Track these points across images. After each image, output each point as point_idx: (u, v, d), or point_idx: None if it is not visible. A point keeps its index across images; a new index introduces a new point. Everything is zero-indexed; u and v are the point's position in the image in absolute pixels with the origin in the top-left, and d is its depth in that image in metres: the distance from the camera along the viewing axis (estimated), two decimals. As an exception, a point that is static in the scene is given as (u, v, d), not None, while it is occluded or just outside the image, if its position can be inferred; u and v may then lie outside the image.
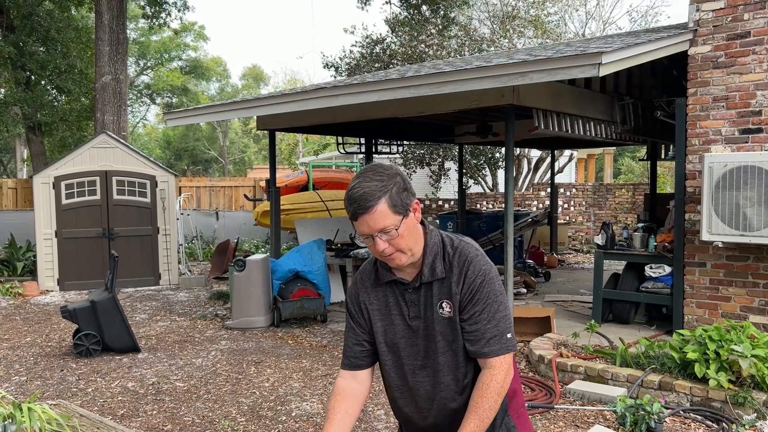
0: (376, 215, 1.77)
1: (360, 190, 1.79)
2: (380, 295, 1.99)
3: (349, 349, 2.05)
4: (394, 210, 1.79)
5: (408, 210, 1.82)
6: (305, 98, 6.76)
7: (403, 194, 1.81)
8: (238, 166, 45.05)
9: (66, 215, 10.42)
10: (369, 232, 1.80)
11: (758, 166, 5.40)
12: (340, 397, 2.01)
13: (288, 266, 7.88)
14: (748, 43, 5.78)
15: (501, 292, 1.90)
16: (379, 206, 1.77)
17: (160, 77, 34.91)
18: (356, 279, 2.07)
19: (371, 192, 1.78)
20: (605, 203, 16.12)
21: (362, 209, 1.78)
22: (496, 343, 1.85)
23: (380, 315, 1.99)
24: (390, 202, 1.78)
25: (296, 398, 5.11)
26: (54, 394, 5.27)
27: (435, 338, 1.91)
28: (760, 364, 4.43)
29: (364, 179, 1.81)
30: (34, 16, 16.90)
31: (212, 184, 17.73)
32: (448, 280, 1.89)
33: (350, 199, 1.81)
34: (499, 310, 1.87)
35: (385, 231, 1.79)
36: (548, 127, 6.49)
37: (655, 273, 6.64)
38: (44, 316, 8.54)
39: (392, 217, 1.78)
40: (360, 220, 1.79)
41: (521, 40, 17.38)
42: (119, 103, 14.02)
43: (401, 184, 1.82)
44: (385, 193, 1.78)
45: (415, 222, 1.86)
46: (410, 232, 1.84)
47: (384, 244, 1.81)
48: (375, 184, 1.79)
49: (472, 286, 1.86)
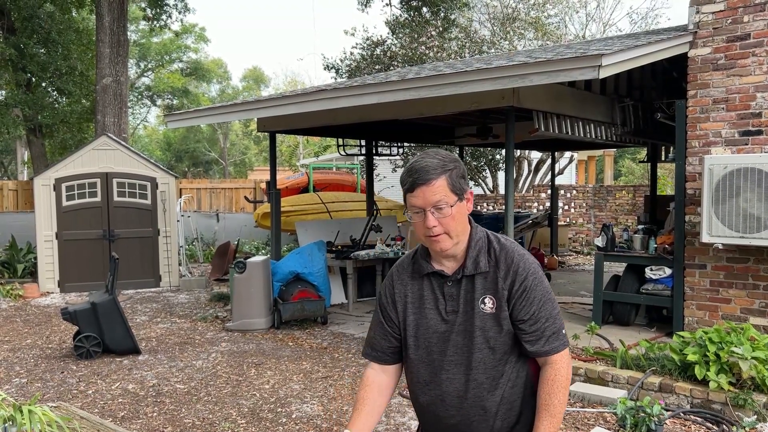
0: (434, 188, 1.80)
1: (422, 163, 1.83)
2: (415, 288, 1.98)
3: (376, 343, 2.04)
4: (451, 188, 1.82)
5: (463, 195, 1.86)
6: (306, 100, 6.77)
7: (461, 180, 1.86)
8: (239, 168, 45.07)
9: (66, 217, 10.43)
10: (422, 205, 1.82)
11: (758, 168, 5.40)
12: (369, 389, 2.01)
13: (288, 268, 7.88)
14: (748, 45, 5.79)
15: (550, 290, 1.93)
16: (439, 181, 1.81)
17: (161, 79, 34.94)
18: (392, 272, 2.06)
19: (433, 166, 1.82)
20: (605, 205, 16.12)
21: (422, 180, 1.81)
22: (555, 340, 1.88)
23: (413, 308, 1.97)
24: (449, 180, 1.82)
25: (296, 400, 5.11)
26: (54, 396, 5.28)
27: (473, 334, 1.89)
28: (761, 366, 4.43)
29: (427, 156, 1.85)
30: (35, 18, 16.92)
31: (213, 185, 17.74)
32: (493, 275, 1.89)
33: (410, 171, 1.84)
34: (554, 308, 1.90)
35: (438, 207, 1.81)
36: (548, 129, 6.49)
37: (655, 275, 6.64)
38: (45, 317, 8.54)
39: (448, 195, 1.81)
40: (416, 192, 1.82)
41: (521, 42, 17.40)
42: (120, 104, 14.03)
43: (461, 169, 1.87)
44: (446, 172, 1.82)
45: (466, 210, 1.89)
46: (461, 217, 1.86)
47: (434, 221, 1.82)
48: (437, 161, 1.83)
49: (525, 284, 1.86)
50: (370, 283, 9.22)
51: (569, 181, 20.81)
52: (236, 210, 17.45)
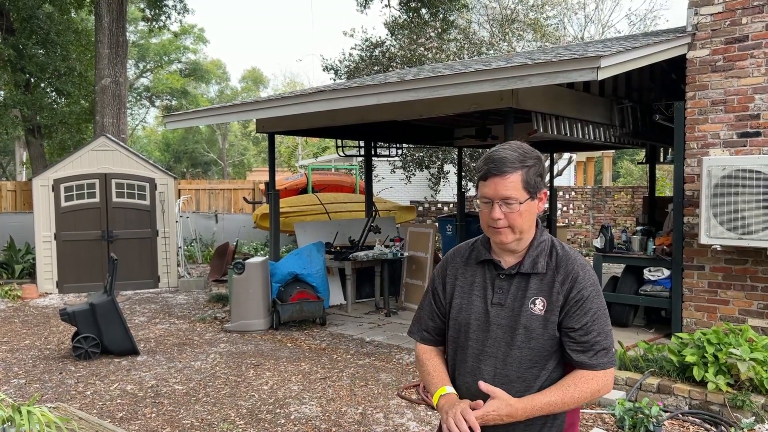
0: (507, 182, 1.79)
1: (502, 153, 1.82)
2: (468, 274, 1.98)
3: (423, 322, 2.07)
4: (525, 186, 1.81)
5: (536, 194, 1.84)
6: (305, 101, 6.77)
7: (538, 178, 1.84)
8: (238, 169, 45.05)
9: (65, 218, 10.42)
10: (492, 196, 1.81)
11: (756, 170, 5.41)
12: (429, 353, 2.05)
13: (287, 269, 7.88)
14: (747, 47, 5.80)
15: (606, 307, 1.89)
16: (514, 175, 1.80)
17: (160, 80, 34.92)
18: (447, 256, 2.07)
19: (512, 160, 1.80)
20: (604, 206, 16.14)
21: (497, 171, 1.80)
22: (604, 356, 1.84)
23: (461, 292, 1.97)
24: (525, 177, 1.81)
25: (295, 401, 5.11)
26: (53, 397, 5.27)
27: (515, 331, 1.86)
28: (759, 367, 4.43)
29: (508, 147, 1.83)
30: (34, 18, 16.90)
31: (211, 186, 17.73)
32: (550, 279, 1.87)
33: (488, 159, 1.83)
34: (608, 324, 1.86)
35: (507, 201, 1.80)
36: (547, 131, 6.50)
37: (653, 276, 6.65)
38: (43, 318, 8.53)
39: (520, 192, 1.80)
40: (489, 181, 1.81)
41: (520, 44, 17.41)
42: (119, 105, 14.03)
43: (540, 168, 1.84)
44: (524, 167, 1.81)
45: (536, 209, 1.86)
46: (529, 215, 1.85)
47: (500, 214, 1.81)
48: (517, 155, 1.81)
49: (583, 293, 1.84)
50: (369, 284, 9.22)
51: (568, 182, 20.83)
52: (235, 211, 17.44)
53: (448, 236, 12.21)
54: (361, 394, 5.26)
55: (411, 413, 4.79)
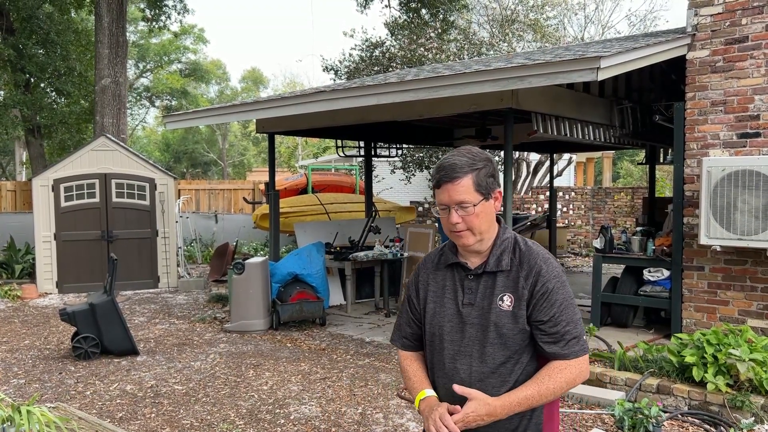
0: (459, 187, 1.85)
1: (451, 160, 1.87)
2: (439, 278, 2.04)
3: (402, 329, 2.14)
4: (477, 188, 1.86)
5: (490, 194, 1.90)
6: (305, 101, 6.78)
7: (490, 179, 1.89)
8: (238, 169, 45.04)
9: (65, 218, 10.42)
10: (447, 202, 1.87)
11: (756, 171, 5.41)
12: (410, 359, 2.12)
13: (287, 269, 7.88)
14: (746, 48, 5.80)
15: (572, 296, 1.94)
16: (465, 179, 1.85)
17: (160, 80, 34.91)
18: (419, 263, 2.14)
19: (460, 165, 1.86)
20: (604, 207, 16.14)
21: (448, 178, 1.86)
22: (575, 345, 1.88)
23: (434, 296, 2.03)
24: (476, 179, 1.86)
25: (295, 401, 5.11)
26: (52, 397, 5.27)
27: (487, 328, 1.91)
28: (758, 367, 4.44)
29: (457, 153, 1.89)
30: (34, 18, 16.90)
31: (211, 186, 17.72)
32: (515, 275, 1.92)
33: (439, 167, 1.88)
34: (575, 313, 1.91)
35: (462, 205, 1.85)
36: (547, 131, 6.50)
37: (653, 277, 6.65)
38: (43, 318, 8.53)
39: (473, 194, 1.86)
40: (442, 188, 1.87)
41: (520, 44, 17.42)
42: (119, 105, 14.03)
43: (490, 169, 1.90)
44: (473, 170, 1.86)
45: (493, 209, 1.92)
46: (486, 215, 1.90)
47: (458, 218, 1.87)
48: (466, 159, 1.87)
49: (548, 286, 1.88)
50: (369, 285, 9.22)
51: (568, 182, 20.83)
52: (235, 211, 17.44)
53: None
54: (361, 394, 5.26)
55: (411, 413, 4.79)
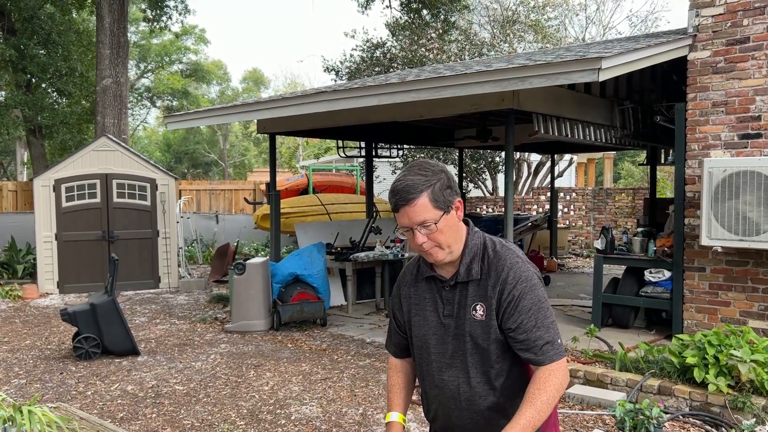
0: (416, 208, 1.81)
1: (403, 183, 1.84)
2: (419, 290, 2.03)
3: (392, 336, 2.16)
4: (435, 205, 1.82)
5: (450, 207, 1.85)
6: (306, 102, 6.78)
7: (446, 191, 1.84)
8: (239, 170, 45.05)
9: (66, 218, 10.43)
10: (409, 224, 1.84)
11: (757, 171, 5.41)
12: (394, 371, 2.15)
13: (288, 270, 7.88)
14: (748, 49, 5.80)
15: (545, 298, 1.89)
16: (421, 199, 1.81)
17: (161, 80, 34.92)
18: (399, 276, 2.13)
19: (414, 185, 1.82)
20: (605, 207, 16.13)
21: (404, 201, 1.82)
22: (549, 350, 1.84)
23: (416, 309, 2.03)
24: (432, 196, 1.82)
25: (296, 402, 5.11)
26: (54, 397, 5.27)
27: (464, 338, 1.92)
28: (760, 369, 4.43)
29: (409, 173, 1.85)
30: (36, 19, 16.91)
31: (212, 187, 17.73)
32: (485, 283, 1.89)
33: (393, 191, 1.86)
34: (547, 317, 1.86)
35: (424, 224, 1.82)
36: (548, 132, 6.50)
37: (654, 277, 6.65)
38: (44, 318, 8.54)
39: (433, 212, 1.82)
40: (401, 212, 1.84)
41: (521, 45, 17.42)
42: (120, 106, 14.03)
43: (445, 181, 1.85)
44: (427, 188, 1.82)
45: (456, 220, 1.88)
46: (450, 228, 1.86)
47: (423, 238, 1.84)
48: (419, 178, 1.83)
49: (513, 293, 1.85)
50: (370, 285, 9.22)
51: (569, 183, 20.83)
52: (236, 211, 17.44)
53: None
54: (362, 394, 5.26)
55: (411, 414, 4.79)
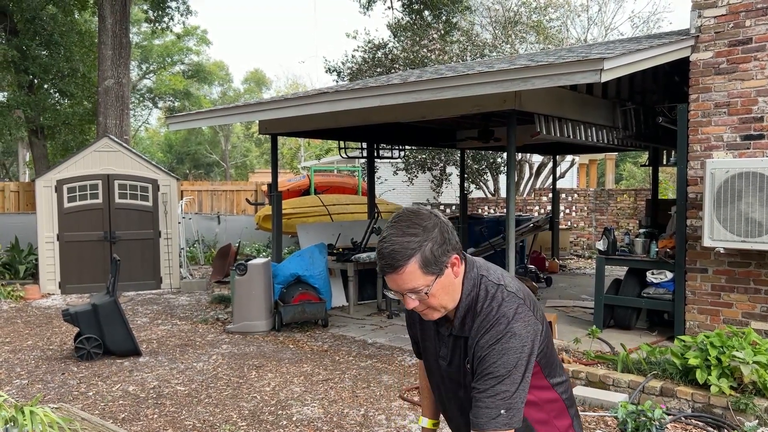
0: (404, 276, 1.63)
1: (390, 247, 1.63)
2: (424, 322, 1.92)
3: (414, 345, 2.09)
4: (425, 270, 1.63)
5: (443, 268, 1.66)
6: (307, 103, 6.78)
7: (439, 251, 1.64)
8: (240, 170, 45.07)
9: (68, 218, 10.43)
10: (398, 290, 1.68)
11: (760, 173, 5.40)
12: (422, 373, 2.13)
13: (289, 270, 7.88)
14: (750, 50, 5.79)
15: (512, 365, 1.66)
16: (409, 267, 1.62)
17: (163, 81, 34.97)
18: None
19: (401, 251, 1.62)
20: (607, 209, 16.11)
21: (390, 268, 1.63)
22: (484, 415, 1.65)
23: (423, 336, 1.96)
24: (422, 261, 1.62)
25: (297, 403, 5.10)
26: (55, 398, 5.27)
27: (461, 386, 1.84)
28: (762, 370, 4.42)
29: (396, 232, 1.64)
30: (38, 19, 16.93)
31: (214, 187, 17.74)
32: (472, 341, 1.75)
33: (379, 254, 1.66)
34: (502, 383, 1.65)
35: (414, 291, 1.66)
36: (550, 133, 6.49)
37: (656, 279, 6.64)
38: (46, 319, 8.54)
39: (423, 278, 1.64)
40: (388, 278, 1.66)
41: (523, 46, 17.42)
42: (122, 106, 14.05)
43: (438, 238, 1.64)
44: (417, 252, 1.62)
45: (451, 278, 1.70)
46: (444, 290, 1.69)
47: (414, 303, 1.69)
48: (407, 240, 1.62)
49: (480, 354, 1.70)
50: (371, 286, 9.21)
51: (570, 184, 20.82)
52: (237, 212, 17.45)
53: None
54: (363, 395, 5.26)
55: (413, 415, 4.78)
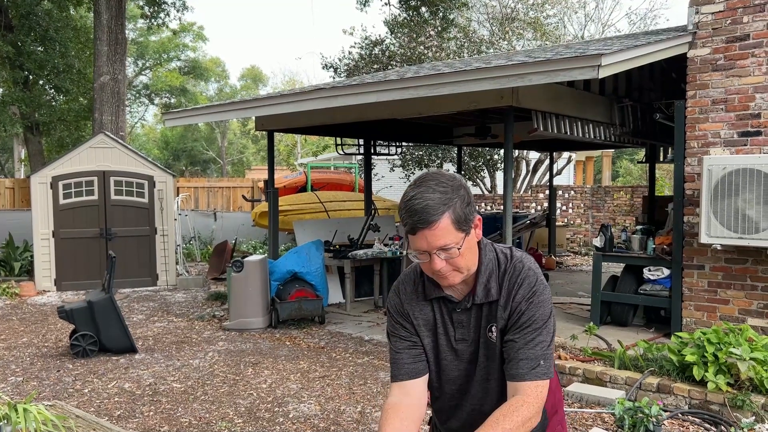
0: (437, 231, 1.61)
1: (422, 202, 1.61)
2: (426, 311, 1.83)
3: (401, 357, 1.85)
4: (457, 226, 1.63)
5: (470, 227, 1.67)
6: (304, 99, 6.75)
7: (467, 209, 1.65)
8: (237, 167, 45.00)
9: (63, 215, 10.39)
10: (427, 248, 1.64)
11: (757, 169, 5.39)
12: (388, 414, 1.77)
13: (286, 267, 7.86)
14: (748, 46, 5.78)
15: (547, 316, 1.73)
16: (442, 222, 1.61)
17: (159, 77, 34.88)
18: (398, 288, 1.90)
19: (434, 205, 1.61)
20: (604, 205, 16.12)
21: (423, 223, 1.61)
22: (524, 366, 1.69)
23: (427, 330, 1.84)
24: (454, 217, 1.62)
25: (294, 400, 5.09)
26: (50, 395, 5.25)
27: (477, 362, 1.80)
28: (759, 367, 4.42)
29: (426, 189, 1.63)
30: (33, 15, 16.87)
31: (210, 184, 17.71)
32: (496, 303, 1.75)
33: (410, 211, 1.63)
34: (540, 334, 1.71)
35: (445, 248, 1.64)
36: (547, 129, 6.48)
37: (653, 275, 6.64)
38: (41, 316, 8.51)
39: (455, 234, 1.63)
40: (419, 235, 1.63)
41: (520, 42, 17.40)
42: (117, 103, 13.99)
43: (465, 197, 1.66)
44: (449, 207, 1.62)
45: (474, 240, 1.71)
46: (470, 250, 1.70)
47: (441, 263, 1.66)
48: (438, 196, 1.62)
49: (519, 309, 1.72)
50: (368, 283, 9.20)
51: (567, 181, 20.83)
52: (234, 209, 17.42)
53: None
54: (360, 392, 5.25)
55: (410, 412, 4.77)
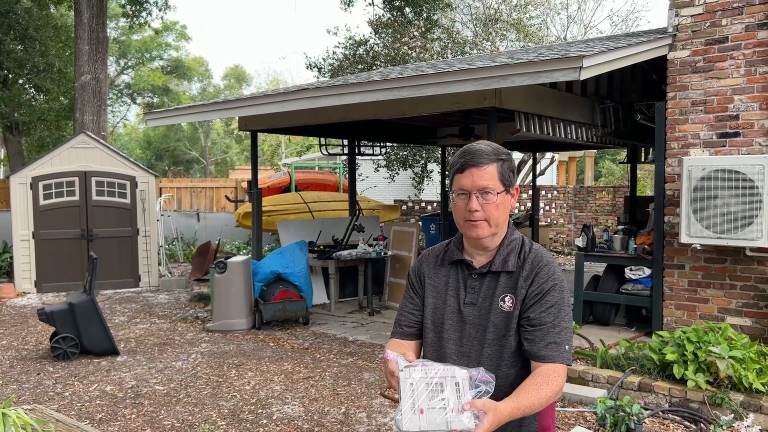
0: (484, 173, 1.85)
1: (477, 147, 1.89)
2: (441, 274, 2.01)
3: (401, 317, 2.07)
4: (501, 178, 1.87)
5: (510, 188, 1.90)
6: (288, 99, 6.73)
7: (510, 173, 1.90)
8: (220, 167, 44.70)
9: (44, 216, 10.27)
10: (470, 187, 1.85)
11: (735, 170, 5.47)
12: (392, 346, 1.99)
13: (270, 268, 7.83)
14: (726, 48, 5.86)
15: (569, 304, 1.91)
16: (491, 167, 1.86)
17: (141, 77, 34.55)
18: (422, 256, 2.11)
19: (488, 152, 1.87)
20: (586, 205, 16.26)
21: (474, 162, 1.85)
22: (554, 349, 1.82)
23: (435, 292, 2.00)
24: (500, 169, 1.87)
25: (277, 401, 5.08)
26: (30, 399, 5.19)
27: (486, 328, 1.90)
28: (738, 365, 4.48)
29: (483, 143, 1.92)
30: (12, 13, 16.63)
31: (193, 184, 17.58)
32: (517, 275, 1.90)
33: (465, 152, 1.88)
34: (564, 320, 1.87)
35: (486, 190, 1.85)
36: (530, 130, 6.52)
37: (635, 275, 6.71)
38: (21, 318, 8.40)
39: (497, 183, 1.86)
40: (466, 173, 1.86)
41: (504, 43, 17.49)
42: (99, 102, 13.85)
43: (512, 163, 1.92)
44: (498, 161, 1.88)
45: (509, 204, 1.92)
46: (504, 208, 1.90)
47: (477, 205, 1.85)
48: (491, 149, 1.89)
49: (543, 287, 1.87)
50: (352, 284, 9.20)
51: (550, 181, 20.96)
52: (217, 209, 17.32)
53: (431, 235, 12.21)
54: (344, 393, 5.25)
55: (394, 413, 4.78)
